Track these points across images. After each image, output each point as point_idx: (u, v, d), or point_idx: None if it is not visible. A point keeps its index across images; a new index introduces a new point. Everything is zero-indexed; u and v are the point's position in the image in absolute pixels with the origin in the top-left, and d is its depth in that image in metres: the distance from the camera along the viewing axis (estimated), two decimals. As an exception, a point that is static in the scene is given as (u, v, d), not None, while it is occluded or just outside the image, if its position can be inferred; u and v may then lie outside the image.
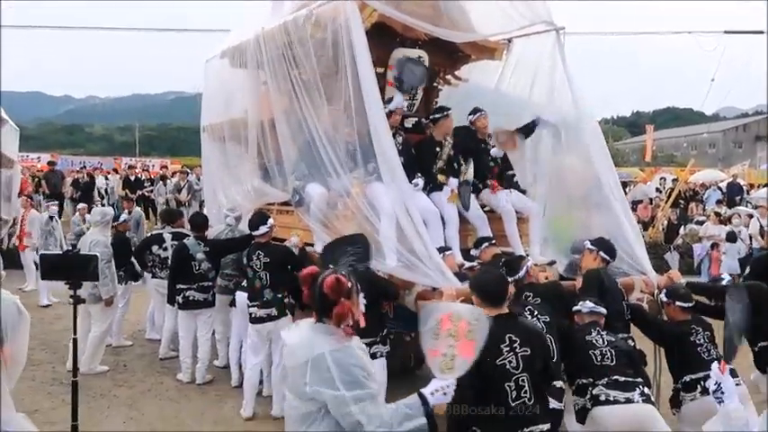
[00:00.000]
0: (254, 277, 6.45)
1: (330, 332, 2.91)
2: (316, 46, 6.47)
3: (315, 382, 2.78)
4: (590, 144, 6.72)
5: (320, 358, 2.80)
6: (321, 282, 2.96)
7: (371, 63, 5.99)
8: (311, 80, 6.60)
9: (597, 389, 4.56)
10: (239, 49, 7.67)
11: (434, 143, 6.90)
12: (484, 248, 6.18)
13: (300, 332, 2.99)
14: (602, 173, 6.60)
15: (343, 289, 2.94)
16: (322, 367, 2.78)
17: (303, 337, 2.93)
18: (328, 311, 2.92)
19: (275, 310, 6.33)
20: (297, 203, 6.68)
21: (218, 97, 8.51)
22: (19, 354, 1.79)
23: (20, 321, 1.79)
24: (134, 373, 7.82)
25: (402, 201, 5.83)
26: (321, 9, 6.41)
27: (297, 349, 2.92)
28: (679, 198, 18.48)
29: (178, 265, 7.46)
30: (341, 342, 2.89)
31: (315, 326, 2.96)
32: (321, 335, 2.90)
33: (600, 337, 4.80)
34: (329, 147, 6.33)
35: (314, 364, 2.80)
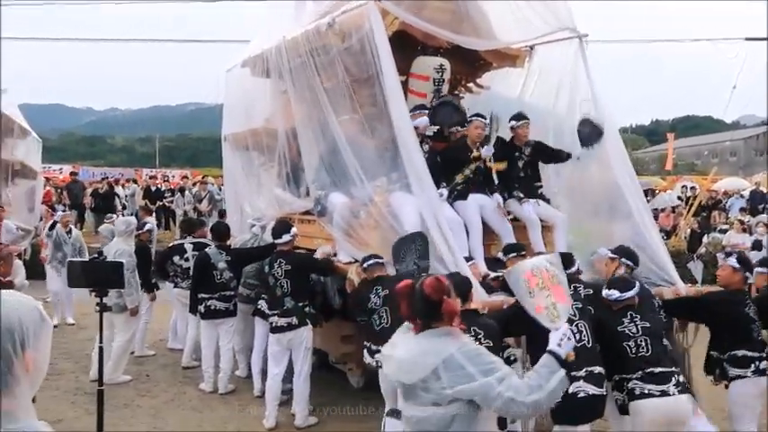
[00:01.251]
0: (275, 285, 6.41)
1: (445, 333, 2.92)
2: (338, 54, 6.49)
3: (454, 382, 2.79)
4: (612, 153, 6.64)
5: (450, 359, 2.82)
6: (421, 287, 2.97)
7: (396, 71, 5.96)
8: (334, 88, 6.63)
9: (632, 383, 4.58)
10: (260, 57, 7.69)
11: (466, 148, 6.83)
12: (512, 258, 6.08)
13: (409, 345, 2.97)
14: (625, 181, 6.52)
15: (445, 288, 2.97)
16: (455, 367, 2.81)
17: (420, 348, 2.91)
18: (437, 313, 2.92)
19: (296, 319, 6.29)
20: (319, 213, 6.66)
21: (239, 106, 8.55)
22: (41, 361, 1.76)
23: (42, 327, 1.75)
24: (157, 382, 7.81)
25: (429, 210, 5.81)
26: (343, 17, 6.41)
27: (418, 359, 2.89)
28: (701, 207, 18.26)
29: (200, 275, 7.47)
30: (460, 338, 2.94)
31: (425, 333, 2.94)
32: (438, 338, 2.90)
33: (633, 324, 4.73)
34: (352, 155, 6.33)
35: (446, 366, 2.81)
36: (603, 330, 4.79)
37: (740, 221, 15.31)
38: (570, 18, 6.72)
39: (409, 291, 3.02)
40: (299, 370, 6.38)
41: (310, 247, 7.04)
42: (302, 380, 6.38)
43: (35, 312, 1.75)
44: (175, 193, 20.63)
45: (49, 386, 7.28)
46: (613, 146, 6.72)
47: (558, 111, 7.29)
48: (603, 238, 6.40)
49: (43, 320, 1.76)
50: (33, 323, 1.71)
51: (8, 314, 1.67)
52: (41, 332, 1.74)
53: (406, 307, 3.02)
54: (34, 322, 1.72)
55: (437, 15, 6.69)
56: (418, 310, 2.96)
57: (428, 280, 2.99)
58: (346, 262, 6.35)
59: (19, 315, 1.69)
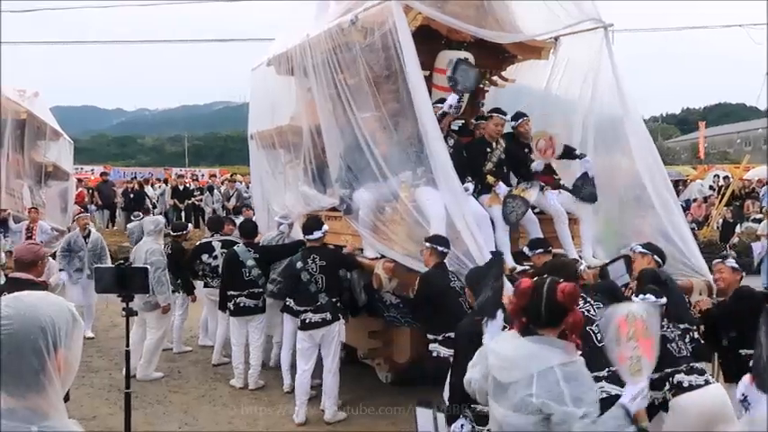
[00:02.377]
0: (309, 281, 6.42)
1: (555, 344, 2.81)
2: (361, 51, 6.50)
3: (543, 395, 2.69)
4: (638, 144, 6.58)
5: (549, 372, 2.72)
6: (551, 290, 2.85)
7: (419, 66, 5.96)
8: (357, 85, 6.63)
9: (679, 375, 4.48)
10: (285, 56, 7.73)
11: (484, 143, 6.82)
12: (538, 254, 6.06)
13: (515, 344, 2.88)
14: (652, 173, 6.45)
15: (578, 296, 2.90)
16: (551, 380, 2.71)
17: (526, 350, 2.82)
18: (559, 321, 2.82)
19: (329, 315, 6.32)
20: (345, 211, 6.69)
21: (265, 105, 8.62)
22: (73, 360, 1.79)
23: (74, 328, 1.79)
24: (188, 379, 7.91)
25: (455, 204, 5.80)
26: (366, 13, 6.43)
27: (520, 361, 2.80)
28: (734, 196, 17.95)
29: (229, 273, 7.56)
30: (570, 355, 2.81)
31: (535, 338, 2.84)
32: (547, 347, 2.80)
33: (669, 330, 4.69)
34: (377, 151, 6.34)
35: (541, 376, 2.72)
36: None
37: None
38: (594, 9, 6.66)
39: (534, 290, 2.89)
40: (329, 366, 6.41)
41: (338, 243, 7.07)
42: (332, 375, 6.41)
43: (67, 313, 1.77)
44: (204, 191, 21.03)
45: (83, 383, 7.43)
46: (639, 137, 6.64)
47: (584, 102, 7.21)
48: (632, 231, 6.35)
49: (75, 320, 1.79)
50: (65, 323, 1.74)
51: (41, 314, 1.70)
52: (73, 332, 1.77)
53: (522, 306, 2.89)
54: (66, 322, 1.75)
55: (461, 10, 6.66)
56: (539, 312, 2.84)
57: (564, 285, 2.87)
58: (372, 258, 6.37)
59: (51, 315, 1.72)
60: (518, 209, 6.39)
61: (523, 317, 2.89)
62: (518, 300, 2.91)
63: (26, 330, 1.67)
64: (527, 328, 2.86)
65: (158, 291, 7.58)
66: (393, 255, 6.13)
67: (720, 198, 17.45)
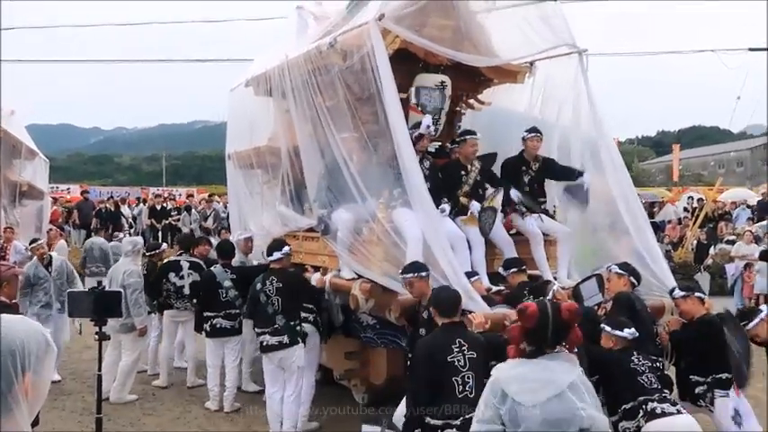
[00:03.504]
0: (266, 303, 6.40)
1: (569, 359, 3.00)
2: (340, 73, 6.55)
3: (586, 407, 2.87)
4: (612, 167, 6.70)
5: (575, 385, 2.90)
6: (557, 311, 2.99)
7: (396, 89, 6.02)
8: (336, 106, 6.67)
9: (652, 404, 4.57)
10: (263, 77, 7.77)
11: (459, 166, 6.89)
12: (512, 273, 6.14)
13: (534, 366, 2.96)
14: (626, 195, 6.57)
15: (580, 315, 3.05)
16: (581, 392, 2.89)
17: (549, 369, 2.94)
18: (563, 338, 2.98)
19: (287, 338, 6.27)
20: (323, 232, 6.69)
21: (243, 125, 8.65)
22: (42, 386, 1.77)
23: (47, 353, 1.77)
24: (162, 401, 7.82)
25: (430, 225, 5.84)
26: (345, 36, 6.48)
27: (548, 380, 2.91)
28: (707, 218, 18.21)
29: (206, 294, 7.54)
30: (577, 366, 3.01)
31: (549, 357, 2.97)
32: (563, 362, 2.97)
33: (640, 363, 4.79)
34: (355, 172, 6.36)
35: (572, 390, 2.88)
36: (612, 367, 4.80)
37: (750, 232, 15.17)
38: (569, 34, 6.77)
39: (540, 314, 3.00)
40: (289, 392, 6.37)
41: (315, 264, 7.09)
42: (291, 402, 6.37)
43: (41, 337, 1.75)
44: (182, 211, 20.84)
45: (55, 406, 7.34)
46: (613, 160, 6.76)
47: (562, 125, 7.32)
48: (607, 252, 6.44)
49: (48, 345, 1.76)
50: (37, 347, 1.72)
51: (11, 336, 1.68)
52: (45, 357, 1.74)
53: (528, 329, 3.00)
54: (38, 346, 1.72)
55: (438, 33, 6.74)
56: (546, 333, 2.97)
57: (567, 305, 3.04)
58: (349, 278, 6.38)
59: (22, 338, 1.69)
60: (489, 219, 6.48)
61: (526, 340, 3.02)
62: (524, 323, 3.03)
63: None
64: (534, 351, 2.98)
65: (135, 313, 7.53)
66: (370, 275, 6.13)
67: (694, 220, 17.71)
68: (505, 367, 3.09)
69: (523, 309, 3.09)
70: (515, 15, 7.00)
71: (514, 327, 3.12)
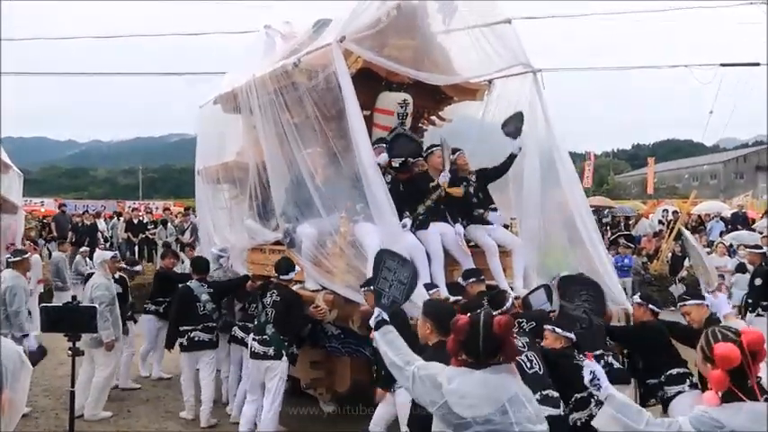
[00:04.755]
0: (261, 311, 6.64)
1: (507, 370, 3.03)
2: (306, 91, 6.80)
3: (522, 420, 2.91)
4: (567, 181, 7.01)
5: (516, 398, 2.95)
6: (488, 324, 3.03)
7: (359, 108, 6.29)
8: (301, 124, 6.93)
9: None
10: (231, 95, 8.00)
11: (428, 178, 7.13)
12: (471, 283, 6.40)
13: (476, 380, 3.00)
14: (580, 208, 6.88)
15: (512, 327, 3.11)
16: (519, 405, 2.94)
17: (491, 383, 2.98)
18: (496, 351, 3.01)
19: (273, 350, 6.45)
20: (288, 245, 6.90)
21: (212, 141, 8.88)
22: (19, 401, 1.83)
23: (21, 370, 1.83)
24: (138, 418, 7.75)
25: (391, 238, 6.07)
26: (308, 57, 6.76)
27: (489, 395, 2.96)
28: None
29: (182, 308, 7.58)
30: (517, 378, 3.07)
31: (489, 370, 3.01)
32: (503, 375, 3.01)
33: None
34: (319, 187, 6.62)
35: (512, 404, 2.93)
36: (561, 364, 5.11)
37: (723, 244, 15.22)
38: (524, 54, 7.10)
39: (470, 327, 3.06)
40: (269, 403, 6.48)
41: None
42: (270, 410, 6.48)
43: (15, 354, 1.81)
44: (158, 225, 20.74)
45: (29, 424, 7.28)
46: (568, 175, 7.08)
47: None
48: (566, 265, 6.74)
49: (23, 363, 1.84)
50: (12, 364, 1.77)
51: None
52: (20, 374, 1.83)
53: (461, 342, 3.06)
54: (14, 363, 1.78)
55: (399, 53, 7.01)
56: (480, 346, 3.01)
57: (498, 318, 3.05)
58: (313, 290, 6.61)
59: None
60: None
61: (462, 352, 3.07)
62: (456, 335, 3.09)
63: None
64: (474, 363, 3.03)
65: (101, 327, 7.26)
66: (333, 287, 6.39)
67: (669, 232, 18.01)
68: (449, 375, 3.11)
69: (454, 321, 3.16)
70: (473, 36, 7.29)
71: (450, 339, 3.17)
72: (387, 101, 7.42)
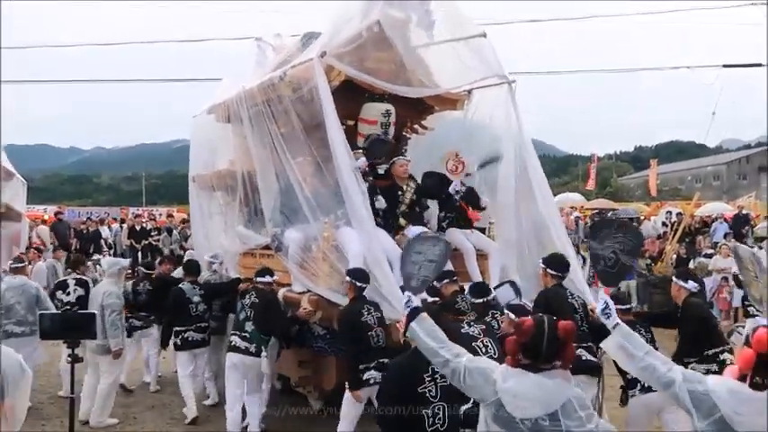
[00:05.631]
0: (241, 310, 7.07)
1: (565, 377, 3.11)
2: (291, 103, 7.23)
3: (572, 426, 2.99)
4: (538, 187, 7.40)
5: (569, 404, 3.02)
6: (552, 327, 3.12)
7: (338, 119, 6.70)
8: (288, 133, 7.34)
9: None
10: (223, 105, 8.44)
11: (396, 187, 7.58)
12: (445, 284, 6.75)
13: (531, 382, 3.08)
14: (549, 214, 7.29)
15: (575, 333, 3.18)
16: (571, 412, 3.01)
17: (545, 387, 3.06)
18: (557, 354, 3.09)
19: (254, 347, 6.86)
20: (276, 249, 7.32)
21: (205, 150, 9.34)
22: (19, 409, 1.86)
23: (22, 378, 1.89)
24: (144, 424, 7.90)
25: (368, 243, 6.51)
26: (293, 71, 7.19)
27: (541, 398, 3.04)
28: (686, 232, 18.51)
29: (177, 309, 7.95)
30: (571, 383, 3.15)
31: (547, 374, 3.08)
32: (558, 381, 3.08)
33: None
34: (305, 194, 7.03)
35: (564, 411, 3.01)
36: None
37: (726, 246, 15.15)
38: (499, 65, 7.50)
39: (535, 329, 3.12)
40: (253, 395, 6.96)
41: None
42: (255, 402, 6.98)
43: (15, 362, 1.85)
44: (162, 231, 20.87)
45: (35, 431, 7.36)
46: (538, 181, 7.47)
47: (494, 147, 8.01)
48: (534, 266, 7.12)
49: (23, 371, 1.92)
50: (13, 372, 1.82)
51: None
52: (21, 382, 1.89)
53: (523, 343, 3.12)
54: (14, 371, 1.83)
55: (380, 65, 7.40)
56: (542, 349, 3.08)
57: (563, 324, 3.14)
58: (300, 292, 7.02)
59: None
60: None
61: (521, 353, 3.13)
62: (519, 336, 3.15)
63: None
64: (530, 365, 3.11)
65: (111, 334, 7.52)
66: (317, 289, 6.79)
67: (673, 234, 17.96)
68: (504, 373, 3.18)
69: (520, 323, 3.22)
70: (451, 49, 7.69)
71: (510, 339, 3.23)
72: (370, 111, 7.82)
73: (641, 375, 3.50)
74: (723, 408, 2.96)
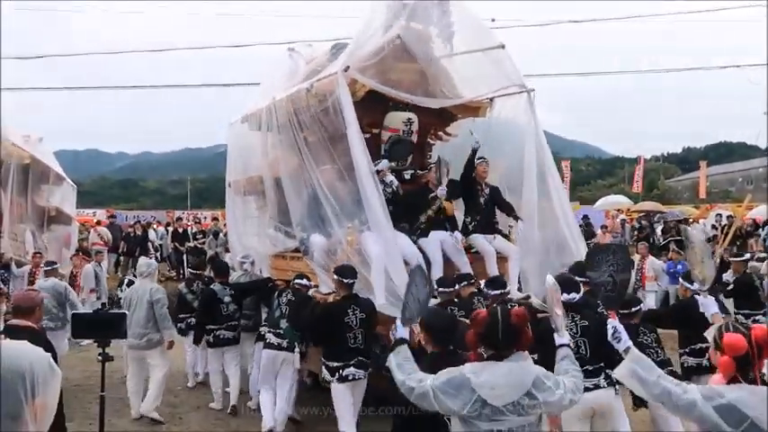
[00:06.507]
0: (277, 308, 7.46)
1: (525, 358, 3.38)
2: (317, 113, 7.65)
3: (545, 398, 3.27)
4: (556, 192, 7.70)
5: (538, 380, 3.30)
6: (507, 316, 3.35)
7: (360, 130, 7.11)
8: (315, 142, 7.77)
9: None
10: (256, 114, 8.94)
11: (427, 191, 7.94)
12: (463, 286, 7.11)
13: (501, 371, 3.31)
14: (566, 218, 7.58)
15: (527, 318, 3.39)
16: (541, 385, 3.29)
17: (515, 372, 3.30)
18: (514, 341, 3.33)
19: (286, 343, 7.24)
20: (304, 252, 7.79)
21: (240, 156, 9.86)
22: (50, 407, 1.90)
23: (51, 377, 1.91)
24: (189, 424, 8.10)
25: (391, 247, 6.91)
26: (319, 83, 7.63)
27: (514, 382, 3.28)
28: (737, 235, 18.29)
29: (207, 308, 8.40)
30: (530, 361, 3.43)
31: (513, 358, 3.33)
32: (523, 362, 3.35)
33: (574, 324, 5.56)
34: (329, 200, 7.46)
35: (536, 386, 3.28)
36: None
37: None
38: (518, 75, 7.84)
39: (489, 318, 3.37)
40: (284, 390, 7.28)
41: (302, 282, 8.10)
42: (285, 397, 7.28)
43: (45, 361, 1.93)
44: (207, 234, 20.91)
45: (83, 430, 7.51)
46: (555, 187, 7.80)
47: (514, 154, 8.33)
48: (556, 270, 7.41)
49: (52, 370, 1.96)
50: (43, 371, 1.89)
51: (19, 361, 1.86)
52: (51, 381, 1.93)
53: (480, 334, 3.38)
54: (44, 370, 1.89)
55: (402, 76, 7.82)
56: (502, 337, 3.32)
57: (515, 310, 3.40)
58: (326, 293, 7.42)
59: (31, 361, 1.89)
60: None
61: (482, 344, 3.38)
62: (475, 328, 3.39)
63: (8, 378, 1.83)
64: (493, 355, 3.36)
65: (165, 326, 8.05)
66: (341, 291, 7.19)
67: (724, 237, 17.70)
68: (475, 370, 3.34)
69: (475, 315, 3.46)
70: (473, 60, 8.05)
71: (469, 333, 3.45)
72: (393, 120, 8.23)
73: (657, 401, 3.52)
74: (751, 413, 3.04)
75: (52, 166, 16.40)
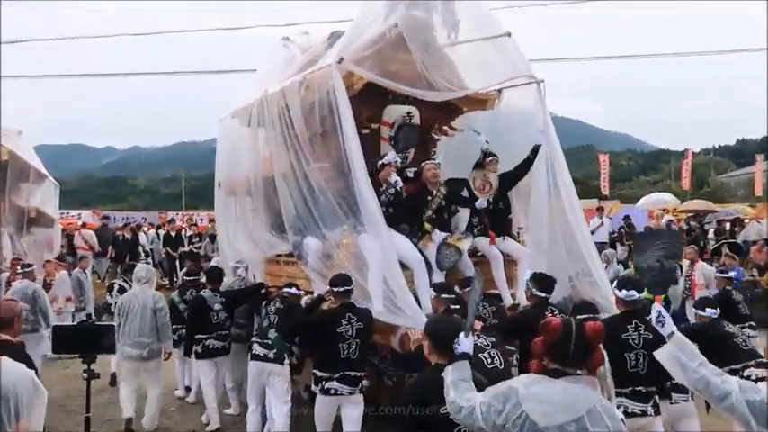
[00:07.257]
0: (265, 317, 7.82)
1: (591, 383, 3.27)
2: (308, 109, 7.96)
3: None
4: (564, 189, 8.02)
5: (594, 411, 3.17)
6: (581, 328, 3.28)
7: (354, 126, 7.40)
8: (306, 140, 8.07)
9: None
10: (246, 110, 9.29)
11: (426, 191, 8.27)
12: (465, 291, 7.41)
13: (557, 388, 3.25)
14: (574, 216, 7.89)
15: (603, 335, 3.31)
16: (598, 419, 3.16)
17: (570, 392, 3.22)
18: (584, 359, 3.27)
19: (274, 354, 7.56)
20: (298, 256, 8.14)
21: (231, 154, 10.19)
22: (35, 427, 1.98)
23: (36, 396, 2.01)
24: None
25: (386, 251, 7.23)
26: (312, 76, 7.94)
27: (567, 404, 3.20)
28: None
29: (196, 317, 8.73)
30: (597, 390, 3.34)
31: (572, 379, 3.26)
32: (583, 386, 3.25)
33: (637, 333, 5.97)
34: (323, 201, 7.78)
35: (590, 417, 3.15)
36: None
37: None
38: (526, 66, 8.15)
39: (563, 328, 3.29)
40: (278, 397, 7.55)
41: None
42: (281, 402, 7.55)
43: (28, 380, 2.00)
44: (204, 238, 20.89)
45: None
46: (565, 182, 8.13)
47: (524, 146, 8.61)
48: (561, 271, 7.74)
49: (37, 389, 2.07)
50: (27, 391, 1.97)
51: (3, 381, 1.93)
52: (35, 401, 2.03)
53: (550, 343, 3.31)
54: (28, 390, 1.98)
55: (402, 68, 8.07)
56: (573, 350, 3.25)
57: (592, 323, 3.31)
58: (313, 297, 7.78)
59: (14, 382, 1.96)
60: (450, 256, 7.81)
61: (548, 355, 3.33)
62: (546, 336, 3.33)
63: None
64: (556, 369, 3.30)
65: (167, 336, 8.55)
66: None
67: None
68: (526, 381, 3.35)
69: (547, 322, 3.39)
70: (478, 49, 8.37)
71: (537, 341, 3.38)
72: (392, 114, 8.53)
73: (694, 387, 3.71)
74: None
75: (32, 162, 16.70)
